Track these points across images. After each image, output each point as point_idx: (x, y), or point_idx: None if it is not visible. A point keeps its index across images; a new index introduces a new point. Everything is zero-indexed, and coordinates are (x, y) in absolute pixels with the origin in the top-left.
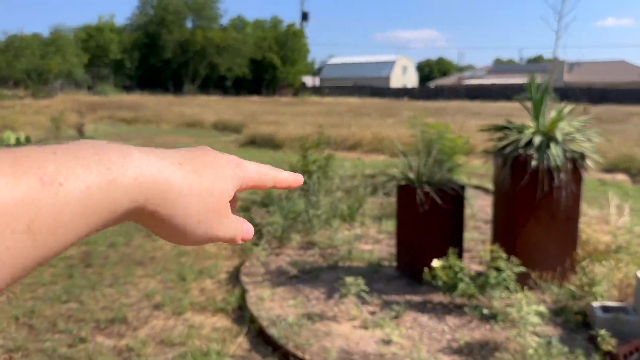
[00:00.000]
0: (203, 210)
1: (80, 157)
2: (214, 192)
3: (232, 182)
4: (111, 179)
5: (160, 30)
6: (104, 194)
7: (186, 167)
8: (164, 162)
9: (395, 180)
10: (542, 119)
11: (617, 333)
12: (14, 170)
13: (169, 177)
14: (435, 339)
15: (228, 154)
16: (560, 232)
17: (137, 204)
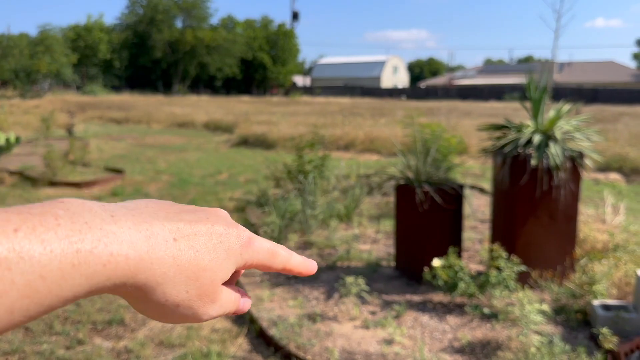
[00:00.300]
0: (185, 296)
1: (44, 232)
2: (204, 280)
3: (234, 264)
4: (87, 261)
5: (149, 30)
6: (73, 274)
7: (180, 244)
8: (157, 239)
9: (394, 180)
10: (541, 118)
11: (618, 331)
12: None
13: (158, 257)
14: (436, 339)
15: (241, 226)
16: (559, 231)
17: (113, 282)
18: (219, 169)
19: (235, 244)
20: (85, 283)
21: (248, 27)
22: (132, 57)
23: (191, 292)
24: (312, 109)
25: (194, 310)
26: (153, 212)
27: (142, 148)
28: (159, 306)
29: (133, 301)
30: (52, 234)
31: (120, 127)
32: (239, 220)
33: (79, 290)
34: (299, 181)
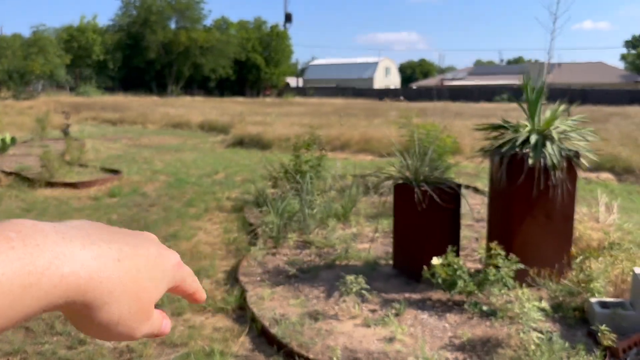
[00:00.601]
0: (126, 314)
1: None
2: (143, 299)
3: (167, 284)
4: (38, 281)
5: (143, 31)
6: (24, 294)
7: (125, 264)
8: (105, 259)
9: (392, 180)
10: (538, 119)
11: (616, 328)
12: None
13: (106, 277)
14: (437, 336)
15: (172, 250)
16: (556, 230)
17: (61, 300)
18: (215, 169)
19: (169, 265)
20: (36, 304)
21: (241, 29)
22: (126, 58)
23: (132, 311)
24: (306, 109)
25: (131, 328)
26: (97, 234)
27: (138, 148)
28: (101, 323)
29: (76, 319)
30: (4, 256)
31: (115, 128)
32: (238, 219)
33: (30, 310)
34: (297, 181)
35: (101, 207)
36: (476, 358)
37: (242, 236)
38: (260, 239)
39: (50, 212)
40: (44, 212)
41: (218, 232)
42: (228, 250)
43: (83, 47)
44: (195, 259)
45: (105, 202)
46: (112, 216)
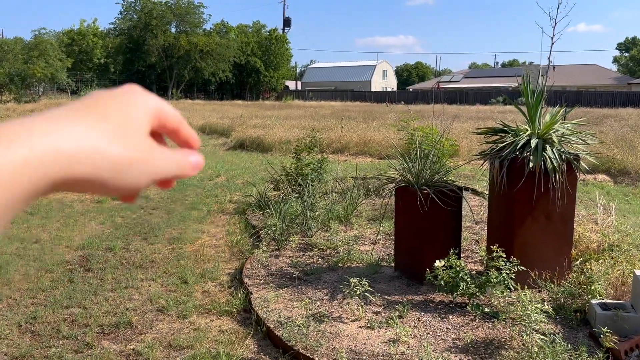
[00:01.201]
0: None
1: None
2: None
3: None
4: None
5: (144, 35)
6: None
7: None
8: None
9: (394, 183)
10: (538, 122)
11: (617, 330)
12: None
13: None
14: (440, 338)
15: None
16: (556, 232)
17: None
18: (217, 172)
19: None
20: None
21: (241, 33)
22: (127, 61)
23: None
24: (305, 112)
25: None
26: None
27: None
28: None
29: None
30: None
31: None
32: (241, 222)
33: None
34: (298, 184)
35: (104, 210)
36: (479, 359)
37: (245, 239)
38: (263, 241)
39: (54, 216)
40: (48, 215)
41: (221, 235)
42: (232, 252)
43: (84, 51)
44: (200, 262)
45: (108, 205)
46: (116, 219)
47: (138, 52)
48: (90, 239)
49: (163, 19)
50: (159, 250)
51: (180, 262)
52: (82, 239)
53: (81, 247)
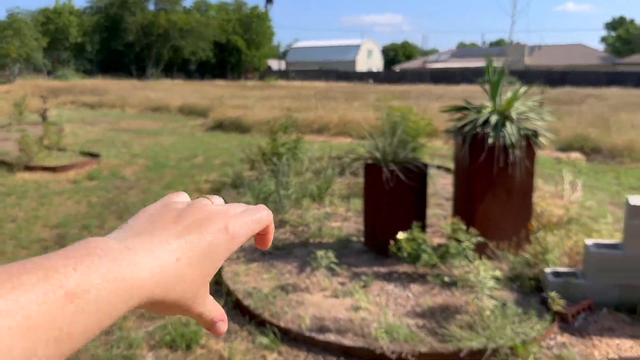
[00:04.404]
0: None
1: (96, 268)
2: (196, 281)
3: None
4: (126, 287)
5: (121, 13)
6: (118, 299)
7: (182, 262)
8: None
9: (362, 160)
10: (499, 99)
11: (568, 296)
12: (42, 287)
13: (168, 277)
14: (400, 305)
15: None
16: (515, 205)
17: (141, 302)
18: (194, 153)
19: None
20: (121, 308)
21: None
22: (104, 40)
23: (187, 295)
24: (287, 92)
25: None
26: (157, 235)
27: (117, 132)
28: (163, 309)
29: (152, 310)
30: (96, 269)
31: (94, 111)
32: None
33: (117, 314)
34: (273, 163)
35: (80, 190)
36: (435, 323)
37: None
38: None
39: (30, 196)
40: (24, 195)
41: None
42: None
43: (60, 30)
44: None
45: (84, 185)
46: (92, 199)
47: (115, 31)
48: (65, 218)
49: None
50: None
51: None
52: (57, 217)
53: (57, 226)
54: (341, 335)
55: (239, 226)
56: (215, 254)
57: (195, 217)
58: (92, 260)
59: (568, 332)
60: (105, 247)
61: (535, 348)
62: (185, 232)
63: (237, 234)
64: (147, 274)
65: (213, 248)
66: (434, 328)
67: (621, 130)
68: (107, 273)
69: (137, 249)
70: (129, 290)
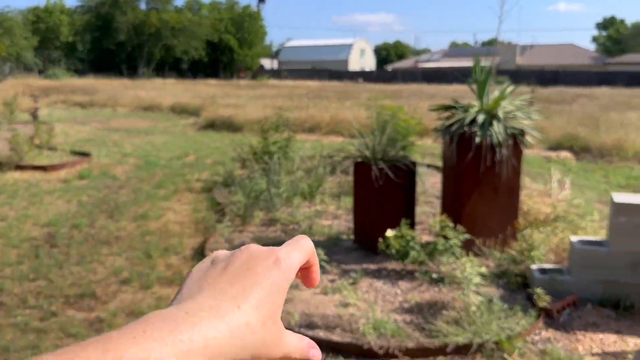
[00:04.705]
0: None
1: (156, 336)
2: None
3: (282, 294)
4: (189, 351)
5: (113, 12)
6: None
7: (245, 309)
8: (235, 329)
9: (352, 158)
10: (486, 99)
11: (553, 292)
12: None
13: (240, 338)
14: (388, 301)
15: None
16: (502, 203)
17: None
18: (186, 152)
19: (280, 281)
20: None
21: (213, 9)
22: (95, 40)
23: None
24: (280, 92)
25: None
26: (206, 289)
27: (108, 132)
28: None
29: None
30: (157, 336)
31: (85, 111)
32: (207, 200)
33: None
34: (264, 162)
35: (71, 189)
36: (422, 319)
37: (211, 215)
38: (227, 217)
39: (21, 195)
40: (14, 194)
41: (187, 212)
42: (196, 228)
43: (51, 29)
44: (164, 238)
45: (74, 184)
46: (82, 198)
47: (107, 30)
48: (56, 217)
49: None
50: (125, 227)
51: (145, 238)
52: (48, 216)
53: (47, 225)
54: (330, 331)
55: (289, 255)
56: (275, 290)
57: (242, 261)
58: (152, 329)
59: (553, 328)
60: (164, 315)
61: (520, 343)
62: (239, 278)
63: (291, 264)
64: (213, 333)
65: (271, 285)
66: (421, 323)
67: (610, 130)
68: (166, 339)
69: (195, 311)
70: (193, 354)
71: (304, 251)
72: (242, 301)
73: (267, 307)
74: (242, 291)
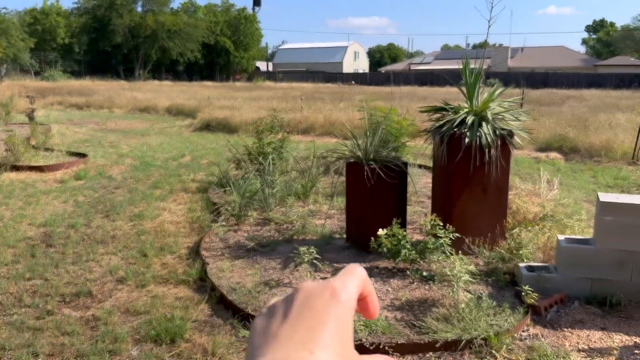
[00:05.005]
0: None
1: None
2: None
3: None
4: None
5: (109, 14)
6: None
7: (318, 354)
8: None
9: (344, 159)
10: (476, 101)
11: (541, 289)
12: None
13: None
14: (380, 299)
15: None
16: (491, 203)
17: None
18: (181, 152)
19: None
20: None
21: (209, 12)
22: (92, 41)
23: None
24: (275, 94)
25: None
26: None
27: (105, 133)
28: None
29: None
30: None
31: (82, 112)
32: (202, 200)
33: None
34: (259, 162)
35: (67, 189)
36: (412, 316)
37: (206, 215)
38: (222, 216)
39: (17, 195)
40: (10, 194)
41: (182, 212)
42: (192, 228)
43: (47, 30)
44: (160, 237)
45: (71, 184)
46: (78, 198)
47: (103, 32)
48: (52, 217)
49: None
50: (120, 226)
51: (141, 237)
52: (44, 216)
53: (43, 225)
54: None
55: (345, 285)
56: (340, 324)
57: (299, 302)
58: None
59: (540, 324)
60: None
61: (508, 339)
62: (301, 321)
63: (349, 294)
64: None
65: (335, 320)
66: (412, 320)
67: (599, 131)
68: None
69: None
70: None
71: (358, 280)
72: (312, 345)
73: (337, 343)
74: (308, 334)
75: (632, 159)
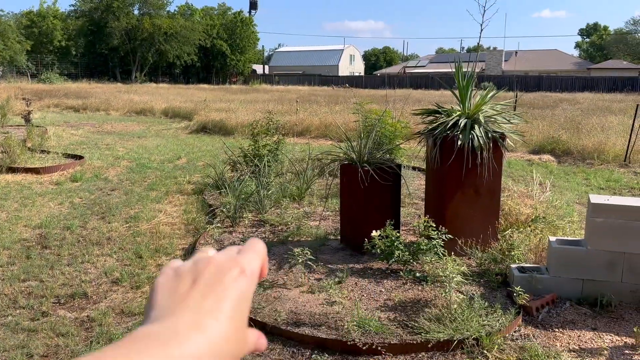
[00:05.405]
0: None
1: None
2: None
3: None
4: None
5: (106, 17)
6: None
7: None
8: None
9: (339, 161)
10: (469, 104)
11: (532, 290)
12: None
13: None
14: (373, 299)
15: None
16: (483, 204)
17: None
18: (177, 155)
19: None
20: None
21: (206, 15)
22: (89, 44)
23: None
24: (271, 96)
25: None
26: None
27: (101, 135)
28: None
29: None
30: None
31: (78, 114)
32: (198, 202)
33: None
34: (255, 164)
35: (63, 191)
36: (405, 316)
37: (201, 217)
38: (217, 218)
39: (12, 197)
40: (6, 196)
41: (178, 214)
42: (187, 230)
43: (44, 33)
44: (155, 239)
45: (67, 186)
46: (74, 200)
47: (100, 35)
48: (48, 219)
49: (125, 0)
50: (116, 228)
51: (136, 239)
52: (40, 218)
53: (39, 226)
54: (316, 329)
55: (251, 264)
56: (244, 299)
57: (209, 273)
58: (144, 347)
59: (532, 325)
60: (152, 333)
61: (499, 339)
62: (211, 291)
63: (253, 272)
64: (198, 348)
65: (241, 295)
66: (405, 321)
67: (591, 133)
68: (159, 356)
69: (179, 327)
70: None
71: (261, 256)
72: (217, 314)
73: (238, 316)
74: (215, 304)
75: (624, 161)
